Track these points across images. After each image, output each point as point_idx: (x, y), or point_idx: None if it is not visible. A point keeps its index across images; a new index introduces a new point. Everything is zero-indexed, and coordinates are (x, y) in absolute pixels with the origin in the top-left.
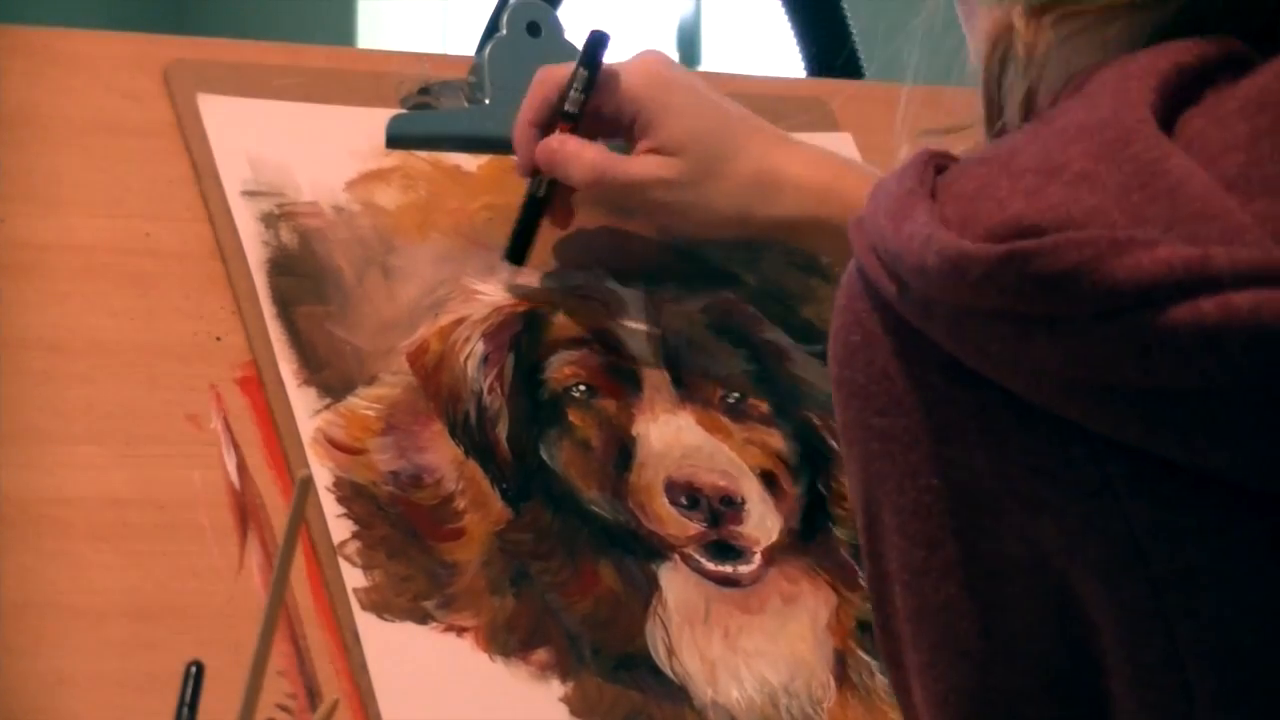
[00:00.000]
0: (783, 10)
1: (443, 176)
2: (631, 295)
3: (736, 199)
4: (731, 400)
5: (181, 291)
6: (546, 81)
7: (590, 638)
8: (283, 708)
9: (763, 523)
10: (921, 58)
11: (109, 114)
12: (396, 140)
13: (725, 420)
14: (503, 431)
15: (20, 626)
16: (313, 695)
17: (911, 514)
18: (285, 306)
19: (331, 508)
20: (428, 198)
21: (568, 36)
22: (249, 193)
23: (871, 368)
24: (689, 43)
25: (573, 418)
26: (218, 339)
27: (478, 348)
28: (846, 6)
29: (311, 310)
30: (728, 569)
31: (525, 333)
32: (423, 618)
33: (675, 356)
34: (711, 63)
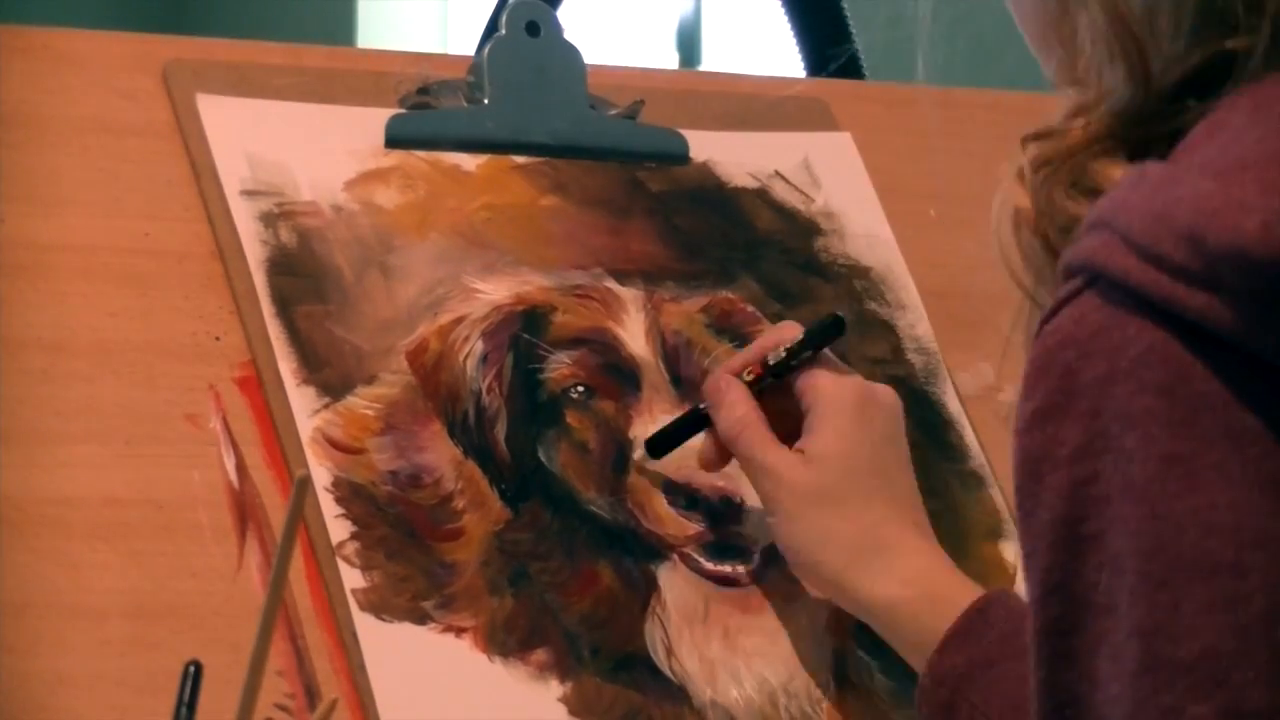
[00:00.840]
0: (783, 10)
1: (442, 176)
2: (631, 295)
3: (840, 547)
4: None
5: (181, 291)
6: (775, 335)
7: (589, 638)
8: (281, 707)
9: (761, 523)
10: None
11: (108, 114)
12: (396, 140)
13: None
14: (501, 431)
15: (19, 626)
16: (311, 695)
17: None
18: (284, 306)
19: (330, 508)
20: (427, 197)
21: (567, 36)
22: (248, 192)
23: (1180, 390)
24: (689, 43)
25: (571, 418)
26: (217, 339)
27: (477, 347)
28: (846, 6)
29: (310, 310)
30: (727, 569)
31: (524, 332)
32: (421, 618)
33: (674, 356)
34: (711, 63)
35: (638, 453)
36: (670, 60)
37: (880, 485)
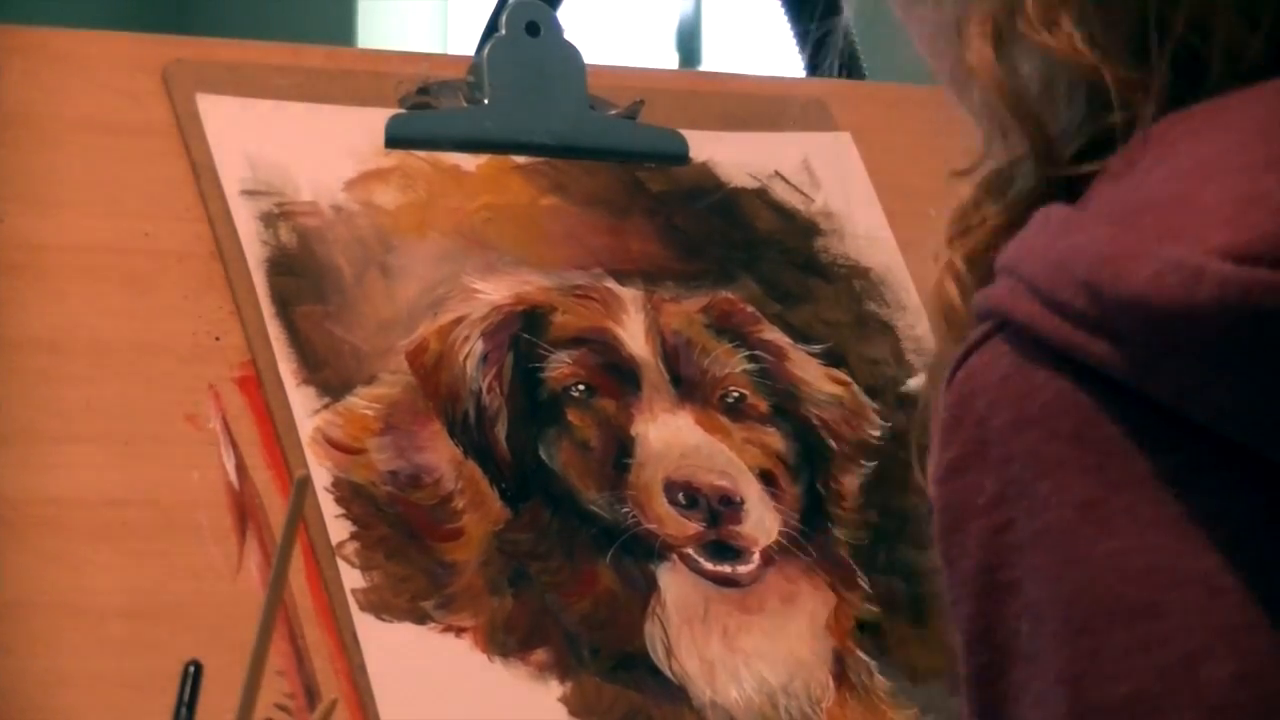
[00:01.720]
0: (783, 10)
1: (441, 176)
2: (631, 295)
3: None
4: (730, 400)
5: (180, 291)
6: None
7: (589, 638)
8: (281, 707)
9: (761, 523)
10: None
11: (108, 114)
12: (396, 140)
13: (724, 420)
14: (501, 431)
15: (18, 626)
16: (311, 695)
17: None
18: (284, 306)
19: (330, 508)
20: (426, 197)
21: (567, 36)
22: (248, 192)
23: (1088, 436)
24: (689, 43)
25: (571, 417)
26: (216, 339)
27: (477, 347)
28: (846, 6)
29: (310, 310)
30: (726, 569)
31: (524, 332)
32: (421, 618)
33: (674, 356)
34: (711, 63)
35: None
36: (670, 60)
37: None
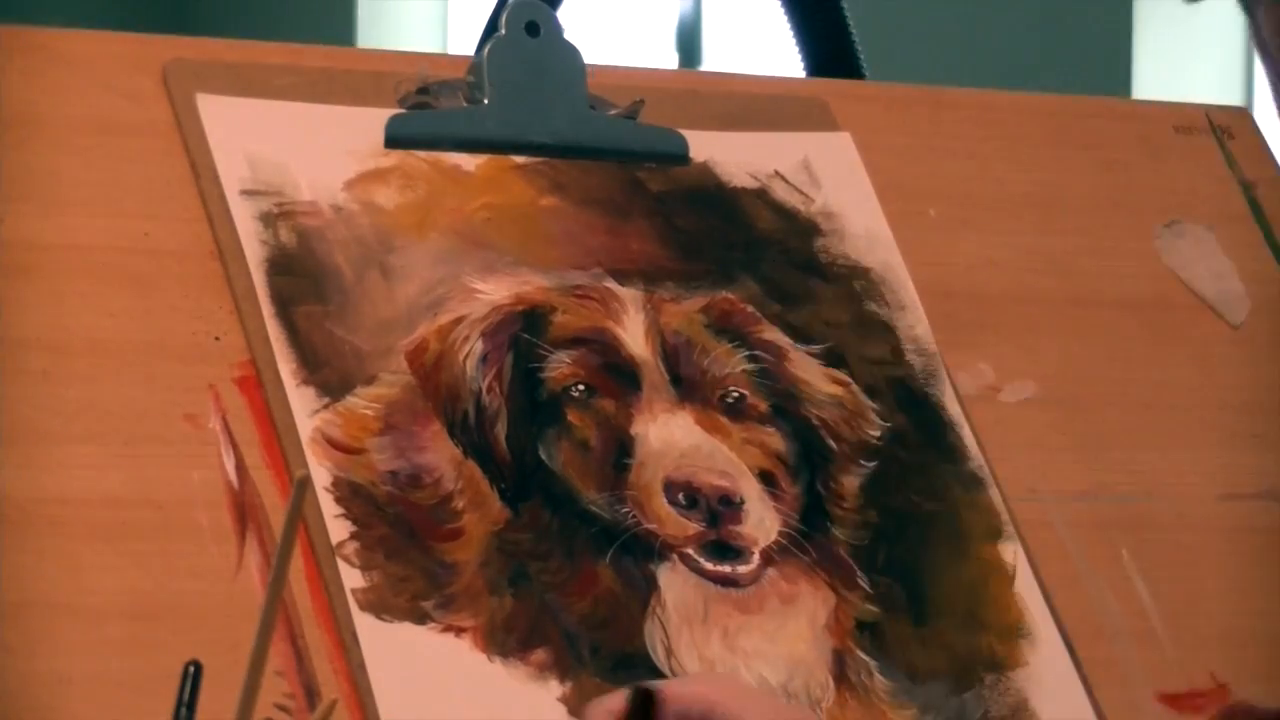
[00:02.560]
0: (783, 10)
1: (441, 176)
2: (631, 295)
3: None
4: (730, 400)
5: (180, 291)
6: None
7: (589, 638)
8: (281, 707)
9: (761, 523)
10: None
11: (108, 114)
12: (396, 140)
13: (724, 420)
14: (501, 431)
15: (18, 626)
16: (311, 695)
17: None
18: (284, 306)
19: (330, 507)
20: (426, 197)
21: (567, 36)
22: (248, 192)
23: None
24: (689, 42)
25: (571, 417)
26: (216, 339)
27: (476, 347)
28: (846, 6)
29: (310, 310)
30: (726, 569)
31: (524, 332)
32: (421, 618)
33: (674, 356)
34: (711, 63)
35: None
36: (670, 60)
37: None
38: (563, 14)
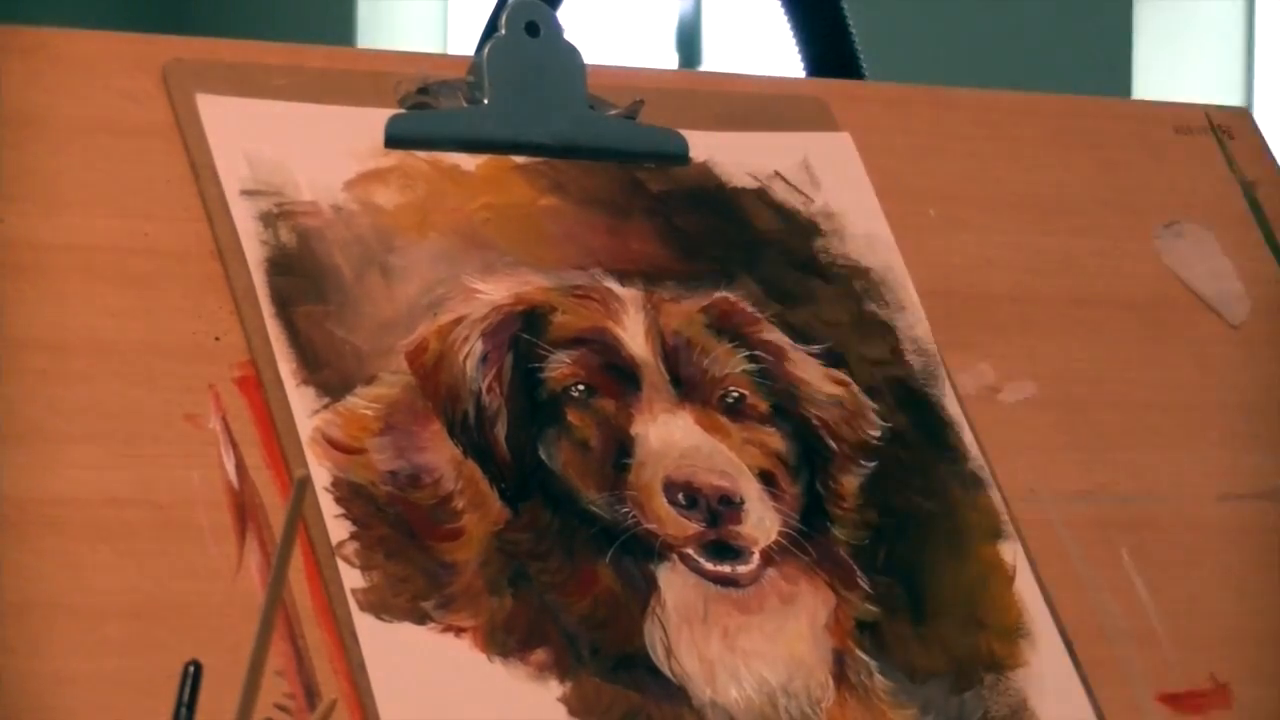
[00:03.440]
0: (783, 10)
1: (441, 176)
2: (631, 295)
3: None
4: (730, 400)
5: (180, 291)
6: None
7: (588, 638)
8: (281, 707)
9: (761, 523)
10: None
11: (108, 114)
12: (396, 140)
13: (724, 420)
14: (501, 431)
15: (18, 626)
16: (311, 695)
17: None
18: (284, 306)
19: (330, 508)
20: (426, 197)
21: (567, 36)
22: (247, 192)
23: None
24: (689, 43)
25: (571, 417)
26: (216, 339)
27: (476, 347)
28: (846, 6)
29: (310, 310)
30: (726, 569)
31: (524, 332)
32: (421, 618)
33: (674, 356)
34: (711, 63)
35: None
36: (670, 60)
37: None
38: (563, 14)
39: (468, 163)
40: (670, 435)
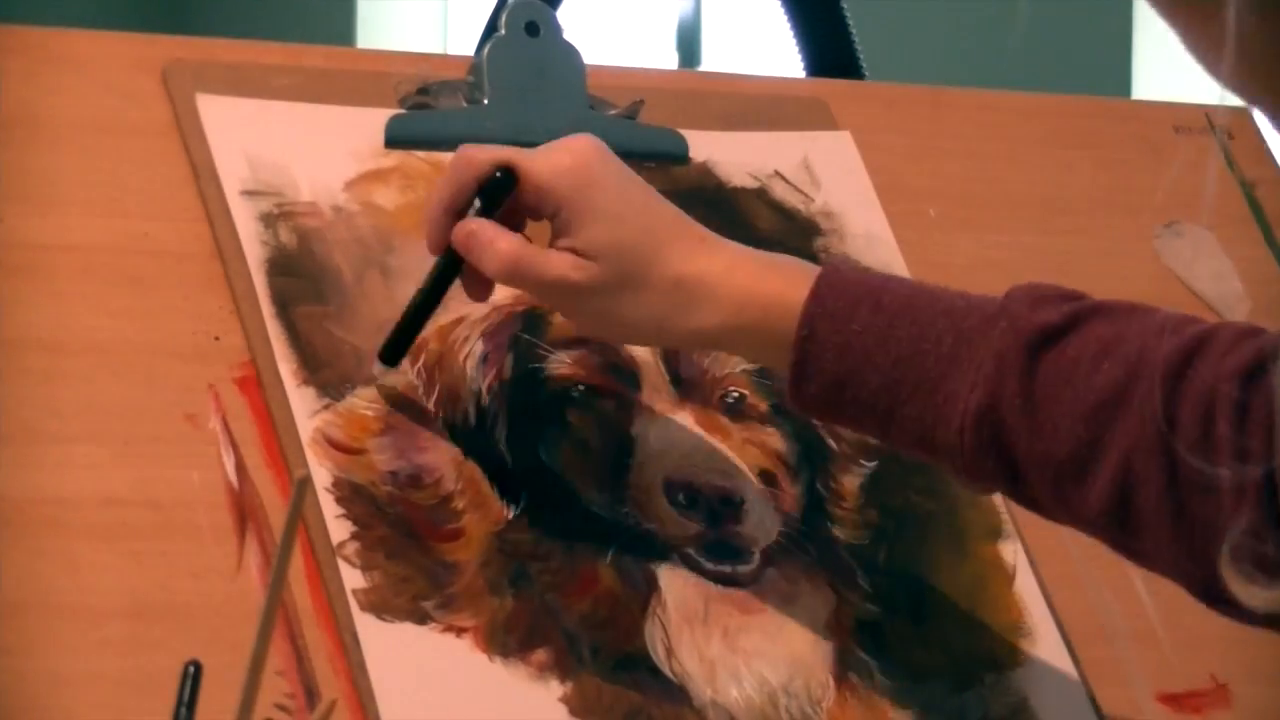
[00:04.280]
0: (783, 10)
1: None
2: None
3: (652, 310)
4: (730, 400)
5: (180, 291)
6: (466, 167)
7: (589, 638)
8: (281, 708)
9: (761, 522)
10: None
11: (107, 114)
12: (396, 140)
13: (724, 420)
14: (501, 431)
15: (18, 626)
16: (311, 695)
17: None
18: (284, 306)
19: (330, 508)
20: (426, 197)
21: (567, 36)
22: (248, 192)
23: None
24: (689, 43)
25: (571, 417)
26: (216, 339)
27: (477, 347)
28: (846, 6)
29: (310, 310)
30: (726, 569)
31: (524, 332)
32: (422, 618)
33: (674, 356)
34: (711, 63)
35: (376, 368)
36: (670, 60)
37: (656, 233)
38: (563, 14)
39: None
40: (670, 435)
